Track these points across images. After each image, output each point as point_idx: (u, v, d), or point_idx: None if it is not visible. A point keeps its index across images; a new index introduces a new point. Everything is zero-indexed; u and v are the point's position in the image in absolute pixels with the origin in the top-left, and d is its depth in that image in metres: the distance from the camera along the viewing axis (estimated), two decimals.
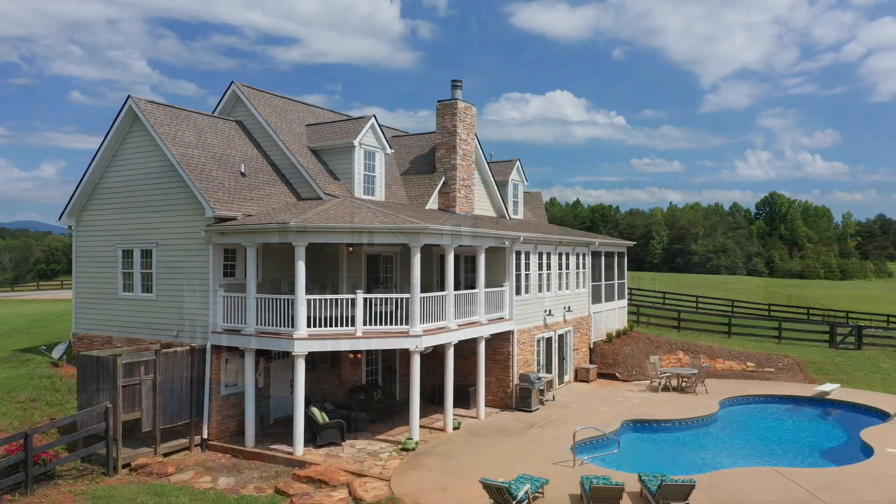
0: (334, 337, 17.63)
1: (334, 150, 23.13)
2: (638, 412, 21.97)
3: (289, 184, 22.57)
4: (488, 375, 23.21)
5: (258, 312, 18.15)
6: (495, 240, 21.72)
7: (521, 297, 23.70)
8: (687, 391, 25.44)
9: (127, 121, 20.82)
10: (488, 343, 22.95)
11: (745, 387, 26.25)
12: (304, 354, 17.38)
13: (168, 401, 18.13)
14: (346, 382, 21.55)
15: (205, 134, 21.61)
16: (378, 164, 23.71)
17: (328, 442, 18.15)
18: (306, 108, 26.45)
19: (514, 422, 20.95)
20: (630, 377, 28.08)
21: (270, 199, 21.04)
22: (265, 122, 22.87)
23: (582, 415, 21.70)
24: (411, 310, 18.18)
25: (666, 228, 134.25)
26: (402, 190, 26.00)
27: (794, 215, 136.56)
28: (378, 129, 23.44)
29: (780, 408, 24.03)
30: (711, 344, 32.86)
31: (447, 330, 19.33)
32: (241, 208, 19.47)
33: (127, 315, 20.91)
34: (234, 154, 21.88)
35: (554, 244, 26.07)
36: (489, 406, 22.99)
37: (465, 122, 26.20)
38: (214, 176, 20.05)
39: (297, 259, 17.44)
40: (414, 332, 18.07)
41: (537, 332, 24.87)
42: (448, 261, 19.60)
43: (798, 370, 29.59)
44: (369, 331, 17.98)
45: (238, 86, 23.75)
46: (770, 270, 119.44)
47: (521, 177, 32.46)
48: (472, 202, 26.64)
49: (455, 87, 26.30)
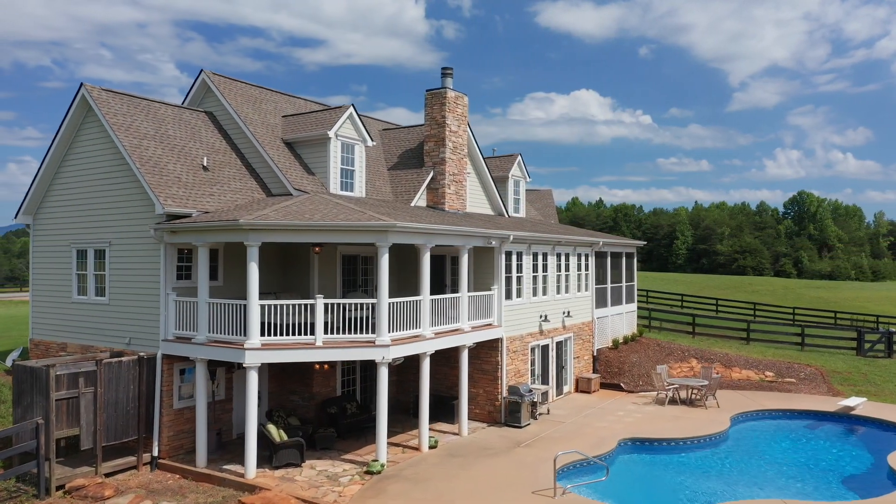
0: (291, 347, 15.85)
1: (309, 142, 21.39)
2: (638, 429, 19.89)
3: (259, 179, 20.89)
4: (475, 387, 21.31)
5: (210, 319, 16.45)
6: (480, 239, 19.80)
7: (511, 301, 21.75)
8: (696, 404, 23.28)
9: (81, 111, 19.28)
10: (474, 352, 21.06)
11: (761, 399, 24.00)
12: (257, 366, 15.63)
13: (112, 416, 16.51)
14: (318, 395, 19.78)
15: (166, 125, 19.99)
16: (358, 158, 21.91)
17: (286, 463, 16.38)
18: (286, 98, 24.76)
19: (500, 439, 19.00)
20: (636, 388, 25.96)
21: (235, 195, 19.36)
22: (234, 112, 21.21)
23: (576, 432, 19.69)
24: (378, 317, 16.34)
25: (690, 228, 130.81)
26: (388, 186, 24.20)
27: (824, 215, 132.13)
28: (357, 119, 21.65)
29: (798, 425, 21.76)
30: (728, 351, 30.57)
31: (421, 339, 17.46)
32: (198, 205, 17.80)
33: (81, 320, 19.37)
34: (199, 147, 20.24)
35: (551, 244, 24.06)
36: (476, 420, 21.09)
37: (455, 112, 24.32)
38: (170, 170, 18.41)
39: (249, 260, 15.69)
40: (380, 342, 16.23)
41: (531, 339, 22.88)
42: (423, 262, 17.74)
43: (821, 381, 27.22)
44: (331, 340, 16.18)
45: (208, 74, 22.12)
46: (798, 271, 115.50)
47: (522, 173, 30.50)
48: (464, 199, 24.74)
49: (445, 76, 24.44)
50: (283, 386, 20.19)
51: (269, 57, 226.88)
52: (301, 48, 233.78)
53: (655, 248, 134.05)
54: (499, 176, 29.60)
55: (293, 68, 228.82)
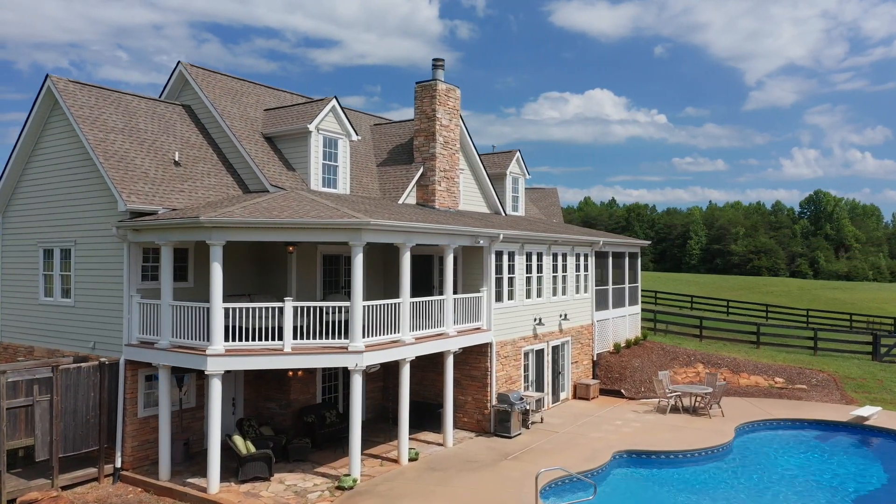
0: (257, 353, 14.81)
1: (289, 136, 20.37)
2: (635, 440, 18.68)
3: (236, 175, 19.90)
4: (463, 394, 20.19)
5: (174, 323, 15.45)
6: (467, 238, 18.68)
7: (503, 303, 20.61)
8: (700, 413, 22.02)
9: (47, 104, 18.38)
10: (462, 357, 19.95)
11: (769, 408, 22.68)
12: (220, 374, 14.60)
13: (70, 425, 15.55)
14: (296, 402, 18.74)
15: (137, 118, 19.04)
16: (341, 153, 20.86)
17: (252, 476, 15.34)
18: (271, 91, 23.76)
19: (487, 451, 17.87)
20: (637, 394, 24.71)
21: (208, 192, 18.37)
22: (211, 104, 20.23)
23: (569, 443, 18.52)
24: (351, 321, 15.27)
25: (704, 228, 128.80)
26: (376, 182, 23.14)
27: (841, 214, 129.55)
28: (341, 112, 20.59)
29: (808, 435, 20.45)
30: (736, 356, 29.23)
31: (400, 344, 16.37)
32: (165, 201, 16.81)
33: (47, 323, 18.47)
34: (172, 141, 19.28)
35: (547, 243, 22.89)
36: (465, 430, 19.98)
37: (446, 105, 23.21)
38: (138, 164, 17.44)
39: (212, 260, 14.66)
40: (354, 348, 15.15)
41: (525, 343, 21.72)
42: (403, 263, 16.64)
43: (834, 387, 25.83)
44: (301, 346, 15.13)
45: (185, 66, 21.15)
46: (815, 272, 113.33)
47: (521, 169, 29.35)
48: (457, 196, 23.62)
49: (436, 67, 23.34)
50: (259, 392, 19.19)
51: (284, 58, 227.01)
52: (315, 49, 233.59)
53: (669, 248, 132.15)
54: (496, 173, 28.48)
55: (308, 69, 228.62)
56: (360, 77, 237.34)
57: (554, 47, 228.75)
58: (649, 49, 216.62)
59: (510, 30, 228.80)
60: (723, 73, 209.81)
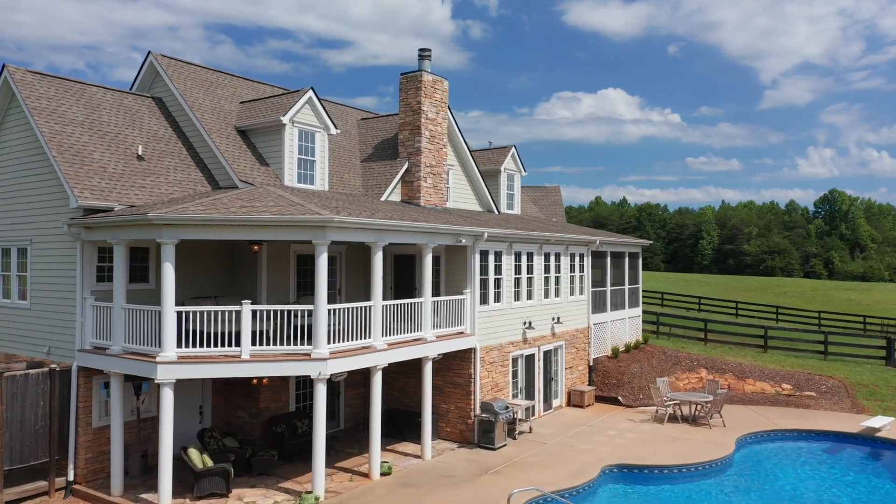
0: (213, 360, 13.74)
1: (262, 129, 19.32)
2: (628, 453, 17.46)
3: (207, 170, 18.87)
4: (446, 402, 19.06)
5: (126, 327, 14.42)
6: (447, 236, 17.55)
7: (488, 306, 19.45)
8: (700, 422, 20.76)
9: (5, 96, 17.41)
10: (445, 363, 18.82)
11: (774, 417, 21.37)
12: (172, 382, 13.55)
13: (17, 436, 14.57)
14: (265, 410, 17.68)
15: (100, 111, 18.06)
16: (319, 147, 19.78)
17: (209, 493, 14.28)
18: (249, 84, 22.73)
19: (467, 464, 16.72)
20: (635, 402, 23.45)
21: (173, 188, 17.35)
22: (181, 96, 19.22)
23: (556, 455, 17.34)
24: (315, 326, 14.17)
25: (716, 228, 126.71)
26: (359, 179, 22.05)
27: (857, 214, 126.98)
28: (318, 104, 19.51)
29: (815, 448, 19.13)
30: (742, 360, 27.88)
31: (371, 350, 15.26)
32: (123, 198, 15.79)
33: (4, 326, 17.51)
34: (138, 134, 18.28)
35: (538, 242, 21.70)
36: (447, 440, 18.85)
37: (432, 97, 22.08)
38: (96, 159, 16.44)
39: (163, 260, 13.61)
40: (317, 355, 14.06)
41: (513, 348, 20.55)
42: (374, 263, 15.53)
43: (845, 395, 24.46)
44: (260, 352, 14.06)
45: (156, 56, 20.16)
46: (829, 273, 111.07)
47: (517, 166, 28.19)
48: (444, 193, 22.47)
49: (422, 58, 22.25)
50: (229, 400, 18.16)
51: (297, 59, 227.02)
52: (328, 49, 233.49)
53: (680, 248, 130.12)
54: (490, 169, 27.34)
55: (320, 70, 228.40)
56: (372, 77, 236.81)
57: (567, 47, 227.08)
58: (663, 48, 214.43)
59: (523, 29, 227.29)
60: (737, 71, 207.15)
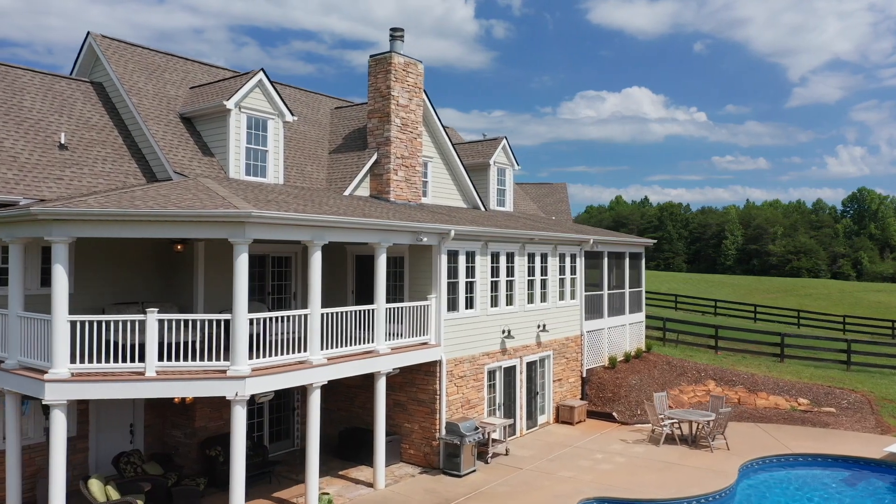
0: (114, 378, 11.79)
1: (207, 115, 17.39)
2: (611, 483, 15.21)
3: (144, 161, 16.98)
4: (410, 421, 16.96)
5: (22, 338, 12.54)
6: (405, 234, 15.44)
7: (458, 313, 17.31)
8: (701, 444, 18.43)
9: None
10: (409, 377, 16.74)
11: (787, 438, 18.96)
12: (63, 404, 11.61)
13: None
14: (202, 430, 15.71)
15: (23, 95, 16.26)
16: (272, 136, 17.79)
17: None
18: (204, 69, 20.82)
19: (424, 495, 14.59)
20: (631, 418, 21.14)
21: (98, 180, 15.46)
22: (118, 80, 17.36)
23: (529, 484, 15.14)
24: (232, 338, 12.15)
25: (740, 228, 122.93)
26: (323, 171, 20.04)
27: (886, 213, 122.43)
28: (270, 88, 17.53)
29: (832, 477, 16.72)
30: (755, 371, 25.43)
31: (307, 365, 13.21)
32: (32, 190, 13.94)
33: None
34: (65, 122, 16.44)
35: (519, 242, 19.51)
36: (411, 463, 16.75)
37: (404, 82, 20.00)
38: (7, 147, 14.62)
39: (54, 261, 11.69)
40: (235, 372, 12.04)
41: (489, 360, 18.38)
42: (311, 264, 13.48)
43: (868, 411, 21.93)
44: (168, 369, 12.07)
45: (95, 37, 18.33)
46: (858, 273, 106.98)
47: (508, 159, 26.01)
48: (418, 187, 20.38)
49: (394, 39, 20.16)
50: (165, 418, 16.23)
51: (321, 60, 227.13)
52: (352, 50, 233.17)
53: (703, 248, 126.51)
54: (479, 163, 25.22)
55: (344, 70, 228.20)
56: None
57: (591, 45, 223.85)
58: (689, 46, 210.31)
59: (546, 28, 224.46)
60: (765, 69, 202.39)
